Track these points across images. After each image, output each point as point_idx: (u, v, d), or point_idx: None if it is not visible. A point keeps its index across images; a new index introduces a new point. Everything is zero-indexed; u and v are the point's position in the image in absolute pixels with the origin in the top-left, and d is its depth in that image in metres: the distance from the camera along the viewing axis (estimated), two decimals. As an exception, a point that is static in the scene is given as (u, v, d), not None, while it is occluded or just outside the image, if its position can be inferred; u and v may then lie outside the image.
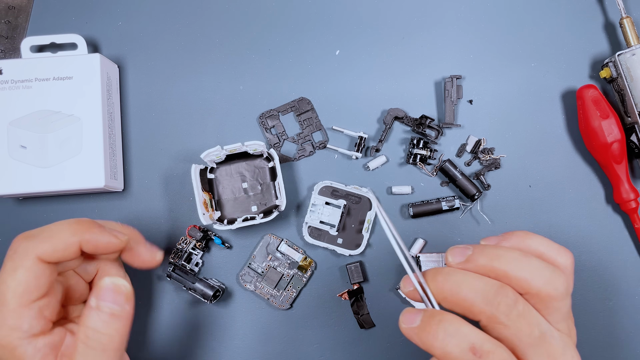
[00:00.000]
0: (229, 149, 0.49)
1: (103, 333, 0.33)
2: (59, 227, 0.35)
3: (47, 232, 0.35)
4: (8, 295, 0.33)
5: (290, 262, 0.51)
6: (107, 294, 0.34)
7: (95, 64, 0.50)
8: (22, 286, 0.33)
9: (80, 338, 0.34)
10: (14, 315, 0.33)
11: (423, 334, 0.29)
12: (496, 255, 0.31)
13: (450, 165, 0.51)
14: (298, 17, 0.54)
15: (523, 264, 0.30)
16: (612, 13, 0.53)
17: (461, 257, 0.31)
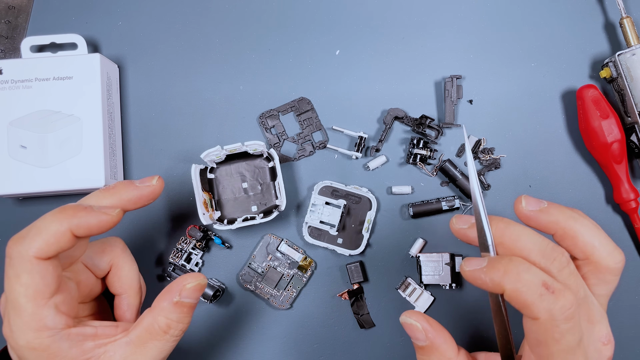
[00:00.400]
0: (229, 149, 0.49)
1: (184, 322, 0.37)
2: (46, 221, 0.34)
3: (34, 229, 0.34)
4: (21, 301, 0.33)
5: (290, 262, 0.51)
6: (193, 293, 0.37)
7: (95, 64, 0.50)
8: (32, 289, 0.33)
9: (162, 328, 0.36)
10: (35, 317, 0.33)
11: (493, 271, 0.30)
12: (571, 216, 0.33)
13: (450, 165, 0.51)
14: (298, 17, 0.54)
15: (595, 231, 0.33)
16: (612, 13, 0.53)
17: (536, 206, 0.33)
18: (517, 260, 0.30)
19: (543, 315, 0.29)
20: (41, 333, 0.33)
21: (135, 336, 0.36)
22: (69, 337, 0.34)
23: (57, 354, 0.34)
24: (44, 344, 0.33)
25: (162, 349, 0.36)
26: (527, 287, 0.29)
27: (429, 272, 0.49)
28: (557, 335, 0.29)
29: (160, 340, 0.36)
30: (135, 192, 0.38)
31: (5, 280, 0.34)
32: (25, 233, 0.34)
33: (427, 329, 0.35)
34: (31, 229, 0.34)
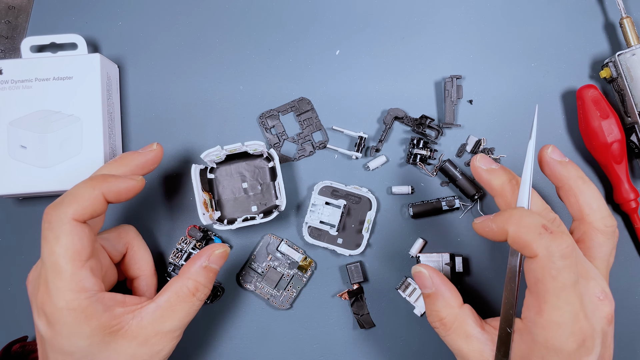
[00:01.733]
0: (229, 149, 0.49)
1: (208, 285, 0.41)
2: (80, 188, 0.37)
3: (70, 195, 0.37)
4: (61, 262, 0.35)
5: (290, 262, 0.51)
6: (219, 260, 0.41)
7: (95, 64, 0.50)
8: (71, 249, 0.35)
9: (191, 290, 0.39)
10: (74, 278, 0.35)
11: (498, 217, 0.35)
12: (581, 177, 0.38)
13: (450, 165, 0.51)
14: (298, 17, 0.54)
15: (595, 195, 0.38)
16: (612, 13, 0.53)
17: (558, 157, 0.40)
18: (520, 208, 0.35)
19: (541, 251, 0.32)
20: (80, 294, 0.35)
21: (164, 300, 0.39)
22: (102, 301, 0.36)
23: (92, 315, 0.35)
24: (82, 305, 0.35)
25: (189, 312, 0.39)
26: (527, 227, 0.33)
27: (429, 272, 0.49)
28: (554, 271, 0.31)
29: (188, 303, 0.39)
30: (141, 158, 0.42)
31: (43, 245, 0.35)
32: (62, 199, 0.36)
33: (433, 276, 0.40)
34: (67, 195, 0.37)
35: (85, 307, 0.35)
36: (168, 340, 0.39)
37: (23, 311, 0.51)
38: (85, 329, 0.35)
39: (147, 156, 0.43)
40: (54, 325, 0.35)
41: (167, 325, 0.38)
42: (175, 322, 0.39)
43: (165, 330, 0.38)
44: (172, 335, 0.39)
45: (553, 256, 0.31)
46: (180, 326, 0.39)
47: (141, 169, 0.42)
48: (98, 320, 0.36)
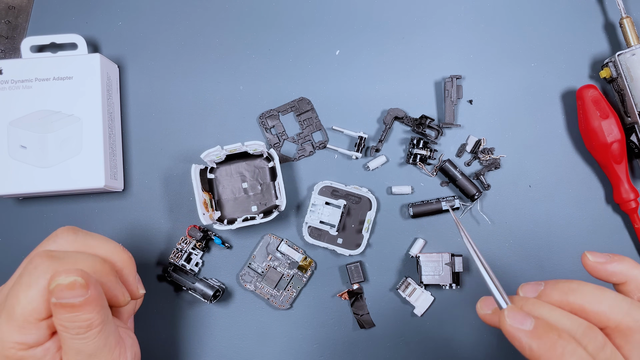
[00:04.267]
0: (229, 149, 0.49)
1: (79, 320, 0.33)
2: (81, 257, 0.35)
3: (71, 258, 0.35)
4: (17, 309, 0.33)
5: (290, 262, 0.51)
6: (64, 293, 0.33)
7: (95, 64, 0.50)
8: (32, 305, 0.33)
9: (61, 329, 0.33)
10: (20, 331, 0.33)
11: (538, 342, 0.28)
12: (570, 289, 0.30)
13: (450, 165, 0.51)
14: (298, 17, 0.54)
15: (599, 297, 0.30)
16: (612, 13, 0.53)
17: (533, 293, 0.31)
18: (566, 337, 0.28)
19: None
20: (18, 346, 0.33)
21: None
22: (39, 353, 0.34)
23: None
24: (16, 356, 0.34)
25: (81, 348, 0.34)
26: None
27: (429, 272, 0.49)
28: None
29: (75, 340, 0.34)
30: (130, 280, 0.40)
31: (16, 283, 0.34)
32: (62, 256, 0.34)
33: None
34: (68, 255, 0.35)
35: (21, 357, 0.34)
36: None
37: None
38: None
39: (130, 287, 0.40)
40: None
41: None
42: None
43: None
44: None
45: None
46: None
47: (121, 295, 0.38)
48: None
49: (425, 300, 0.50)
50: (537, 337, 0.28)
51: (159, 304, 0.51)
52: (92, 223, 0.52)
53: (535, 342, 0.28)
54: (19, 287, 0.33)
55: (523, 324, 0.28)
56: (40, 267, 0.33)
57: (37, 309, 0.33)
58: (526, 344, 0.28)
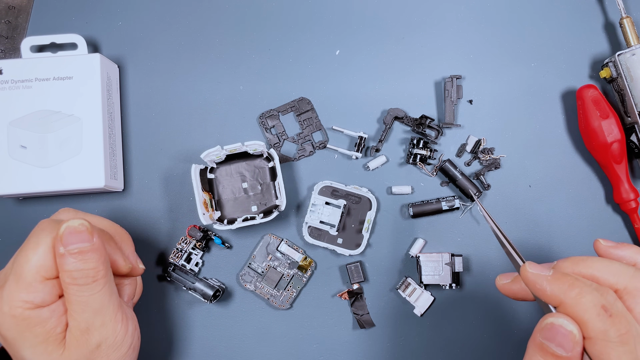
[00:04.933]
0: (229, 149, 0.49)
1: (86, 269, 0.35)
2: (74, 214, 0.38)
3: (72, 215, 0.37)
4: (25, 268, 0.34)
5: (290, 262, 0.51)
6: (70, 238, 0.34)
7: (95, 64, 0.50)
8: (41, 262, 0.34)
9: (68, 282, 0.35)
10: (28, 289, 0.34)
11: (557, 282, 0.31)
12: (580, 260, 0.33)
13: (450, 165, 0.51)
14: (298, 16, 0.54)
15: (607, 264, 0.33)
16: (612, 13, 0.53)
17: (547, 270, 0.33)
18: (584, 279, 0.31)
19: (597, 335, 0.29)
20: (25, 304, 0.35)
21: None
22: (45, 314, 0.35)
23: (30, 326, 0.35)
24: (23, 315, 0.35)
25: (101, 300, 0.36)
26: (587, 305, 0.29)
27: (429, 272, 0.49)
28: (610, 357, 0.29)
29: (88, 290, 0.36)
30: (132, 260, 0.43)
31: (22, 247, 0.35)
32: (59, 218, 0.37)
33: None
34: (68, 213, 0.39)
35: (25, 318, 0.35)
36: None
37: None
38: (28, 337, 0.35)
39: (135, 271, 0.43)
40: (1, 331, 0.35)
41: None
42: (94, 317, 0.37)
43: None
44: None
45: (610, 341, 0.29)
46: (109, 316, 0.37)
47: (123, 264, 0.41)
48: (42, 328, 0.35)
49: (425, 300, 0.50)
50: (556, 280, 0.31)
51: (159, 303, 0.51)
52: (92, 223, 0.52)
53: (555, 284, 0.31)
54: (27, 247, 0.35)
55: (543, 271, 0.32)
56: (47, 228, 0.35)
57: (44, 266, 0.34)
58: (547, 287, 0.31)
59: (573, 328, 0.30)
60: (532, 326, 0.50)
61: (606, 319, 0.29)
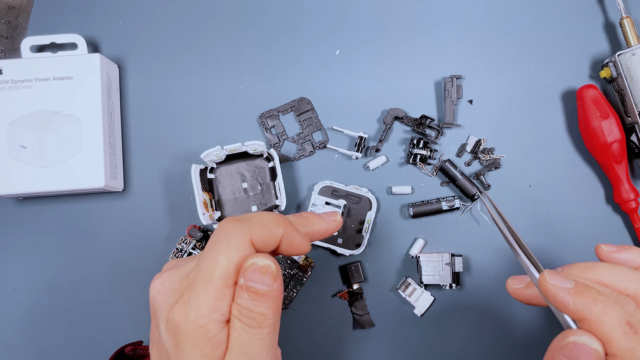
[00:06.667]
0: (229, 149, 0.49)
1: (256, 312, 0.32)
2: (266, 216, 0.34)
3: (257, 219, 0.34)
4: (217, 273, 0.32)
5: (290, 262, 0.51)
6: (254, 275, 0.32)
7: (95, 64, 0.50)
8: (233, 267, 0.32)
9: (235, 314, 0.32)
10: (218, 295, 0.32)
11: (581, 297, 0.29)
12: (586, 267, 0.32)
13: (450, 165, 0.51)
14: (298, 16, 0.54)
15: (614, 270, 0.32)
16: (612, 13, 0.53)
17: (568, 282, 0.32)
18: (608, 291, 0.30)
19: (623, 353, 0.28)
20: (212, 314, 0.32)
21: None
22: (223, 334, 0.33)
23: (209, 342, 0.32)
24: (207, 326, 0.32)
25: (261, 346, 0.33)
26: (611, 322, 0.28)
27: (429, 272, 0.49)
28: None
29: (253, 338, 0.33)
30: (324, 225, 0.39)
31: (209, 249, 0.32)
32: (248, 218, 0.34)
33: None
34: (253, 217, 0.34)
35: (208, 330, 0.32)
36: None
37: (21, 311, 0.52)
38: (206, 350, 0.32)
39: (329, 225, 0.39)
40: (179, 339, 0.32)
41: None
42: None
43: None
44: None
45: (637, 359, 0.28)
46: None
47: (317, 235, 0.38)
48: (211, 350, 0.32)
49: (425, 300, 0.50)
50: (579, 293, 0.29)
51: (159, 304, 0.51)
52: (92, 223, 0.52)
53: (578, 298, 0.29)
54: (217, 250, 0.32)
55: (564, 282, 0.30)
56: (236, 231, 0.32)
57: (235, 271, 0.32)
58: (569, 301, 0.29)
59: (597, 346, 0.28)
60: (532, 326, 0.50)
61: (632, 336, 0.28)
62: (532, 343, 0.50)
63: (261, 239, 0.33)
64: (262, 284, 0.32)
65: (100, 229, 0.52)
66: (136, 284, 0.52)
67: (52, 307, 0.52)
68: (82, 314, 0.51)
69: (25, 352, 0.51)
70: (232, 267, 0.32)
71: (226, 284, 0.32)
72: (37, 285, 0.52)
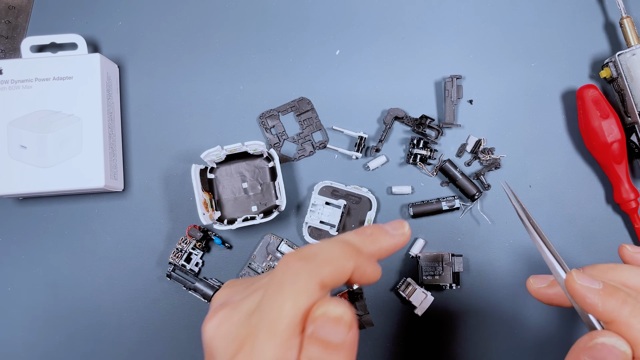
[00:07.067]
0: (229, 149, 0.49)
1: None
2: (333, 250, 0.30)
3: (324, 254, 0.30)
4: (283, 322, 0.28)
5: (290, 262, 0.51)
6: (326, 325, 0.28)
7: (95, 64, 0.50)
8: (301, 315, 0.28)
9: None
10: (285, 346, 0.28)
11: (610, 298, 0.29)
12: (608, 268, 0.32)
13: (450, 165, 0.51)
14: (298, 17, 0.54)
15: (636, 271, 0.31)
16: (612, 13, 0.53)
17: (596, 283, 0.31)
18: (634, 294, 0.29)
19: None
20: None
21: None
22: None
23: None
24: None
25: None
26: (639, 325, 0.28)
27: (429, 272, 0.49)
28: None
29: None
30: (391, 241, 0.35)
31: (274, 293, 0.29)
32: (314, 254, 0.30)
33: None
34: (318, 253, 0.30)
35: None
36: None
37: (21, 311, 0.52)
38: None
39: (397, 241, 0.35)
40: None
41: None
42: None
43: None
44: None
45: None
46: None
47: (384, 253, 0.34)
48: None
49: (425, 300, 0.50)
50: (608, 295, 0.28)
51: (159, 304, 0.51)
52: (92, 223, 0.52)
53: (607, 300, 0.28)
54: (283, 296, 0.28)
55: (593, 283, 0.29)
56: (303, 272, 0.29)
57: (301, 321, 0.28)
58: (598, 302, 0.28)
59: (626, 349, 0.28)
60: (532, 326, 0.50)
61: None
62: (532, 343, 0.50)
63: (331, 279, 0.29)
64: (334, 334, 0.28)
65: (100, 229, 0.52)
66: (136, 284, 0.52)
67: (52, 307, 0.52)
68: (82, 314, 0.51)
69: (25, 352, 0.51)
70: (301, 315, 0.28)
71: (293, 334, 0.28)
72: (37, 285, 0.52)
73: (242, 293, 0.31)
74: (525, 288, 0.35)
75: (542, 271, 0.51)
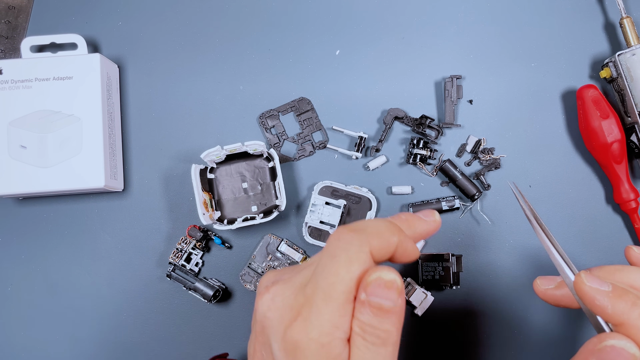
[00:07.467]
0: (229, 149, 0.49)
1: (380, 329, 0.30)
2: (380, 225, 0.32)
3: (372, 227, 0.31)
4: (338, 288, 0.29)
5: (290, 262, 0.51)
6: (378, 290, 0.29)
7: (95, 64, 0.50)
8: (354, 281, 0.29)
9: (357, 331, 0.30)
10: (340, 311, 0.29)
11: (619, 301, 0.29)
12: (616, 270, 0.32)
13: (450, 165, 0.51)
14: (298, 17, 0.54)
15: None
16: (612, 13, 0.53)
17: (605, 285, 0.32)
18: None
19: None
20: (336, 331, 0.29)
21: None
22: (345, 354, 0.30)
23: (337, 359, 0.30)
24: (331, 345, 0.29)
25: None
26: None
27: (429, 272, 0.49)
28: None
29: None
30: (424, 227, 0.36)
31: (328, 263, 0.30)
32: (363, 227, 0.31)
33: None
34: (368, 225, 0.32)
35: (331, 349, 0.29)
36: None
37: (21, 311, 0.52)
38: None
39: (429, 227, 0.36)
40: (299, 358, 0.30)
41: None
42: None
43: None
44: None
45: None
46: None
47: (418, 238, 0.36)
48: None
49: (425, 300, 0.50)
50: (618, 297, 0.28)
51: (159, 304, 0.51)
52: (92, 223, 0.52)
53: (617, 302, 0.28)
54: (337, 263, 0.30)
55: (602, 285, 0.29)
56: (355, 242, 0.30)
57: (355, 286, 0.29)
58: (608, 304, 0.28)
59: (636, 351, 0.28)
60: (532, 326, 0.50)
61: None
62: (532, 343, 0.50)
63: (379, 250, 0.31)
64: (386, 299, 0.29)
65: (100, 229, 0.52)
66: (136, 284, 0.52)
67: (52, 307, 0.52)
68: (82, 314, 0.51)
69: (25, 352, 0.51)
70: (354, 282, 0.29)
71: (348, 300, 0.29)
72: (37, 285, 0.52)
73: (291, 272, 0.32)
74: (525, 288, 0.35)
75: (543, 271, 0.51)
